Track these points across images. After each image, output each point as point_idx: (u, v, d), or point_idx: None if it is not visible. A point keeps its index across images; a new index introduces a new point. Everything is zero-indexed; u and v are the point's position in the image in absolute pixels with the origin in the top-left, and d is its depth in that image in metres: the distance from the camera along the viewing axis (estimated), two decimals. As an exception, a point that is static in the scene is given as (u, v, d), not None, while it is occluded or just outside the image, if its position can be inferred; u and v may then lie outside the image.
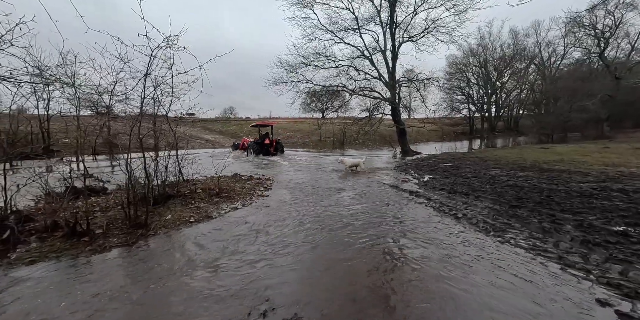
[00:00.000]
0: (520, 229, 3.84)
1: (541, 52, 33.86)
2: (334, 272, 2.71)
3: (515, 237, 3.60)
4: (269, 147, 15.27)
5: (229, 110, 52.74)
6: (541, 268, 2.74)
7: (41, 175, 4.20)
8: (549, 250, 3.11)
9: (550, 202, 4.82)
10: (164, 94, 4.59)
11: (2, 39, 2.95)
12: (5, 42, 2.87)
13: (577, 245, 3.17)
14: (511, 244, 3.38)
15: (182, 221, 4.15)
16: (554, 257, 2.95)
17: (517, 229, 3.84)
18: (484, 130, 36.34)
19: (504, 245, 3.35)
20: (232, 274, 2.68)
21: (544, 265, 2.80)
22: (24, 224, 3.48)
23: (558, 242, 3.28)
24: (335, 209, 4.90)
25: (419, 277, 2.60)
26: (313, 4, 14.02)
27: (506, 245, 3.35)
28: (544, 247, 3.19)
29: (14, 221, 3.32)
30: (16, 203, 3.85)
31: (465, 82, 37.26)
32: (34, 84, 3.18)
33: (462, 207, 5.03)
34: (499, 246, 3.33)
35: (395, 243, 3.39)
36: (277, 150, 15.72)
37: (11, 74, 2.91)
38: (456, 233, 3.75)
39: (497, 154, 12.34)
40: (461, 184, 6.84)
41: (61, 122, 12.16)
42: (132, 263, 2.91)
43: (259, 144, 15.07)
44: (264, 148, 15.05)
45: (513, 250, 3.21)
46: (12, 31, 2.91)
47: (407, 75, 16.03)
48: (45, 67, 3.31)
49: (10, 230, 3.18)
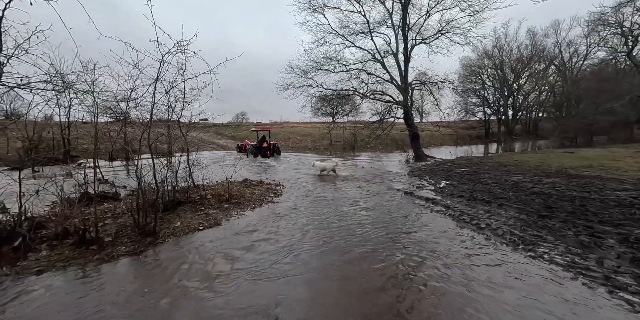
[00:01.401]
0: (554, 242, 3.49)
1: (561, 53, 32.47)
2: (347, 290, 2.50)
3: (549, 251, 3.26)
4: (267, 150, 16.49)
5: (241, 115, 53.68)
6: (586, 290, 2.41)
7: (56, 181, 4.24)
8: (592, 268, 2.77)
9: (585, 212, 4.40)
10: (176, 99, 4.58)
11: (20, 48, 3.00)
12: (22, 51, 2.91)
13: (625, 264, 2.80)
14: (545, 260, 3.05)
15: (191, 229, 4.06)
16: (599, 277, 2.60)
17: (550, 243, 3.49)
18: (501, 133, 35.01)
19: (537, 261, 3.03)
20: (241, 288, 2.52)
21: (588, 286, 2.47)
22: (35, 231, 3.48)
23: (602, 259, 2.92)
24: (347, 218, 4.68)
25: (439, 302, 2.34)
26: (324, 9, 14.07)
27: (539, 261, 3.02)
28: (585, 265, 2.85)
29: (26, 228, 3.31)
30: (32, 209, 3.89)
31: (480, 85, 36.19)
32: (46, 91, 3.20)
33: (484, 216, 4.69)
34: (532, 262, 3.00)
35: (412, 257, 3.13)
36: (274, 153, 16.95)
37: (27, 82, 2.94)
38: (480, 245, 3.45)
39: (518, 159, 11.72)
40: (481, 191, 6.45)
41: (82, 128, 12.64)
42: (138, 276, 2.80)
43: (257, 148, 16.43)
44: (262, 151, 16.36)
45: (548, 267, 2.89)
46: (29, 40, 2.95)
47: (420, 78, 15.70)
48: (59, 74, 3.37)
49: (22, 238, 3.17)
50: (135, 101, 4.05)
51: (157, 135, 4.44)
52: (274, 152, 17.07)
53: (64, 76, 3.50)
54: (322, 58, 14.64)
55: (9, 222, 3.36)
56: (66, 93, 7.93)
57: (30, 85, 3.03)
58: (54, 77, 3.29)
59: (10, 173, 3.96)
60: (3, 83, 2.89)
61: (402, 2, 13.51)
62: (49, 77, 3.15)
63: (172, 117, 4.86)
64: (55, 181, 4.16)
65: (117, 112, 8.50)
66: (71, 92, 7.12)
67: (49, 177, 4.27)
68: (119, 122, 9.11)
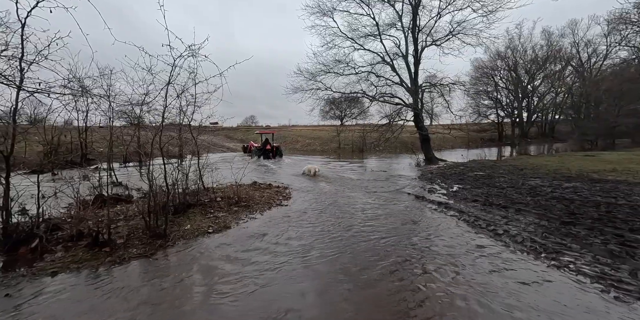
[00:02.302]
0: (580, 251, 3.28)
1: (579, 53, 31.39)
2: (356, 302, 2.40)
3: (575, 261, 3.06)
4: (270, 152, 17.77)
5: (250, 118, 54.46)
6: (619, 305, 2.22)
7: (72, 183, 4.34)
8: (625, 280, 2.56)
9: (612, 219, 4.13)
10: (187, 103, 4.65)
11: (41, 54, 3.11)
12: (42, 57, 3.01)
13: (663, 277, 2.58)
14: (571, 270, 2.86)
15: (200, 231, 4.06)
16: (633, 290, 2.40)
17: (575, 251, 3.28)
18: (515, 136, 33.98)
19: (562, 271, 2.84)
20: (249, 293, 2.46)
21: (622, 300, 2.28)
22: (52, 232, 3.56)
23: (635, 270, 2.70)
24: (358, 223, 4.57)
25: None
26: (333, 12, 14.12)
27: (564, 271, 2.84)
28: (616, 276, 2.64)
29: (43, 230, 3.39)
30: (49, 211, 3.99)
31: (493, 86, 35.33)
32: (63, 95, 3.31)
33: (501, 222, 4.49)
34: (555, 272, 2.82)
35: (424, 267, 3.00)
36: (277, 155, 18.15)
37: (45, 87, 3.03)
38: (496, 253, 3.27)
39: (534, 162, 11.29)
40: (497, 195, 6.21)
41: (97, 132, 13.09)
42: (147, 279, 2.80)
43: (261, 149, 17.68)
44: (265, 153, 17.59)
45: (575, 278, 2.70)
46: (48, 46, 3.05)
47: (430, 80, 15.46)
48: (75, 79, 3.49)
49: (39, 239, 3.24)
50: (147, 105, 4.13)
51: (168, 139, 4.50)
52: (276, 154, 18.10)
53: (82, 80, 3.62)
54: (331, 61, 14.66)
55: (27, 224, 3.45)
56: (84, 98, 8.24)
57: (50, 90, 3.12)
58: (71, 82, 3.39)
59: (28, 176, 4.09)
60: (24, 88, 3.00)
61: (412, 4, 13.41)
62: (67, 82, 3.24)
63: (184, 121, 4.93)
64: (72, 184, 4.26)
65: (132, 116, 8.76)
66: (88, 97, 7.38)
67: (66, 179, 4.39)
68: (133, 126, 9.37)
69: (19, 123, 7.93)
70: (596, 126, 20.37)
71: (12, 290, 2.52)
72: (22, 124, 9.24)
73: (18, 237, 3.23)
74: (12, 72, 2.95)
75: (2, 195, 3.20)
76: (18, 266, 2.95)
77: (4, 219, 3.19)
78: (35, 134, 10.86)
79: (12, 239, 3.19)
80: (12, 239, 3.19)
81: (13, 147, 3.31)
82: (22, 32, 2.96)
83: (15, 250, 3.17)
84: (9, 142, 3.21)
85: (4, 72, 2.90)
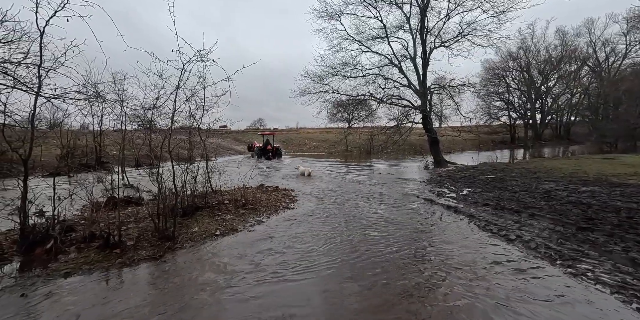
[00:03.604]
0: (599, 258, 3.13)
1: (596, 52, 30.30)
2: (365, 308, 2.35)
3: (594, 268, 2.92)
4: (270, 152, 19.57)
5: (258, 121, 55.27)
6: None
7: (86, 186, 4.47)
8: (649, 292, 2.42)
9: (634, 225, 3.94)
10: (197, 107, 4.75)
11: (57, 61, 3.24)
12: (58, 64, 3.14)
13: (691, 289, 2.42)
14: (589, 278, 2.73)
15: (208, 234, 4.09)
16: (659, 303, 2.26)
17: (593, 259, 3.13)
18: (528, 138, 33.01)
19: (579, 280, 2.71)
20: (255, 296, 2.45)
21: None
22: (66, 233, 3.66)
23: (660, 281, 2.55)
24: (365, 229, 4.51)
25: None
26: (340, 16, 14.17)
27: (582, 280, 2.71)
28: (639, 286, 2.50)
29: (58, 231, 3.49)
30: (64, 213, 4.11)
31: (504, 88, 34.55)
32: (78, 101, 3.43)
33: (514, 226, 4.34)
34: (572, 280, 2.69)
35: (437, 274, 2.92)
36: (276, 155, 19.79)
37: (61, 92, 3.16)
38: (509, 258, 3.15)
39: (549, 165, 10.92)
40: (509, 199, 6.02)
41: (109, 136, 13.50)
42: (155, 281, 2.83)
43: (262, 150, 19.59)
44: (266, 152, 19.41)
45: (594, 287, 2.57)
46: (65, 54, 3.18)
47: (439, 82, 15.24)
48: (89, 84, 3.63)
49: (53, 240, 3.34)
50: (158, 109, 4.24)
51: (177, 142, 4.59)
52: (275, 154, 19.73)
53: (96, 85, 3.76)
54: (338, 64, 14.68)
55: (43, 225, 3.57)
56: (98, 102, 8.54)
57: (66, 95, 3.24)
58: (85, 87, 3.51)
59: (45, 179, 4.24)
60: (42, 94, 3.13)
61: (420, 5, 13.32)
62: (81, 88, 3.36)
63: (193, 124, 5.03)
64: (86, 186, 4.39)
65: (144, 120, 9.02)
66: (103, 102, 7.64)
67: (80, 182, 4.53)
68: (144, 130, 9.62)
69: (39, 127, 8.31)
70: (615, 128, 19.57)
71: (27, 290, 2.60)
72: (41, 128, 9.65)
73: (34, 238, 3.34)
74: (30, 79, 3.08)
75: (20, 197, 3.32)
76: (34, 266, 3.04)
77: (21, 221, 3.31)
78: (54, 138, 11.30)
79: (29, 240, 3.30)
80: (28, 240, 3.30)
81: (31, 151, 3.45)
82: (40, 40, 3.10)
83: (32, 251, 3.28)
84: (27, 146, 3.34)
85: (23, 79, 3.04)
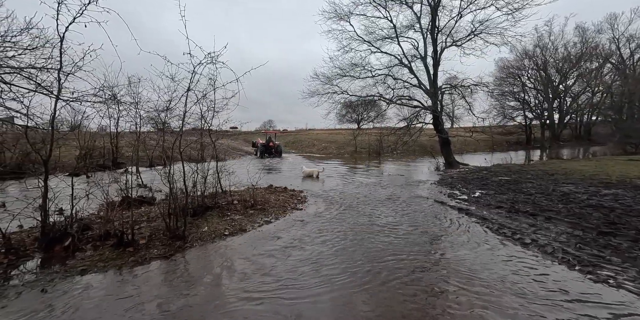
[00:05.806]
0: (622, 265, 2.98)
1: (619, 49, 28.86)
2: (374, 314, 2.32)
3: (616, 275, 2.77)
4: (272, 149, 21.26)
5: (268, 123, 55.89)
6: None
7: (102, 185, 4.64)
8: (678, 303, 2.27)
9: (661, 231, 3.71)
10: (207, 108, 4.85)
11: (76, 65, 3.38)
12: (77, 68, 3.29)
13: None
14: (610, 285, 2.60)
15: (217, 234, 4.16)
16: (689, 315, 2.12)
17: (615, 265, 2.99)
18: (545, 139, 31.78)
19: (600, 286, 2.58)
20: (262, 297, 2.46)
21: (674, 327, 2.01)
22: (83, 231, 3.81)
23: (690, 292, 2.39)
24: (374, 231, 4.46)
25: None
26: (350, 16, 14.15)
27: (603, 286, 2.58)
28: (667, 297, 2.35)
29: (75, 229, 3.63)
30: (82, 211, 4.28)
31: (520, 87, 33.39)
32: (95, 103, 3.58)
33: (529, 230, 4.19)
34: (592, 286, 2.56)
35: (446, 283, 2.85)
36: (277, 153, 21.20)
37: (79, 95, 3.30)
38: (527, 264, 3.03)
39: (567, 167, 10.47)
40: (524, 202, 5.82)
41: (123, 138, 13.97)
42: (165, 280, 2.90)
43: (265, 146, 21.17)
44: (268, 149, 21.18)
45: (618, 293, 2.44)
46: (83, 58, 3.32)
47: (451, 82, 14.94)
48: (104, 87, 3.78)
49: (71, 238, 3.48)
50: (170, 111, 4.36)
51: (188, 143, 4.69)
52: (276, 151, 21.23)
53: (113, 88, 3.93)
54: (347, 65, 14.64)
55: (62, 223, 3.72)
56: (115, 105, 8.86)
57: (84, 98, 3.38)
58: (101, 90, 3.66)
59: (64, 179, 4.42)
60: (61, 97, 3.28)
61: (431, 4, 13.12)
62: (98, 91, 3.50)
63: (203, 126, 5.14)
64: (102, 186, 4.55)
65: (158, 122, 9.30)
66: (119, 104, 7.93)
67: (97, 182, 4.71)
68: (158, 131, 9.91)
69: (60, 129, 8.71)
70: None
71: (47, 285, 2.72)
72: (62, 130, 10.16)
73: (54, 235, 3.49)
74: (51, 83, 3.24)
75: (41, 196, 3.48)
76: (53, 263, 3.18)
77: (42, 219, 3.47)
78: (74, 140, 11.81)
79: (49, 238, 3.45)
80: (49, 238, 3.45)
81: (51, 152, 3.61)
82: (60, 45, 3.25)
83: (51, 248, 3.43)
84: (47, 147, 3.50)
85: (45, 83, 3.19)
